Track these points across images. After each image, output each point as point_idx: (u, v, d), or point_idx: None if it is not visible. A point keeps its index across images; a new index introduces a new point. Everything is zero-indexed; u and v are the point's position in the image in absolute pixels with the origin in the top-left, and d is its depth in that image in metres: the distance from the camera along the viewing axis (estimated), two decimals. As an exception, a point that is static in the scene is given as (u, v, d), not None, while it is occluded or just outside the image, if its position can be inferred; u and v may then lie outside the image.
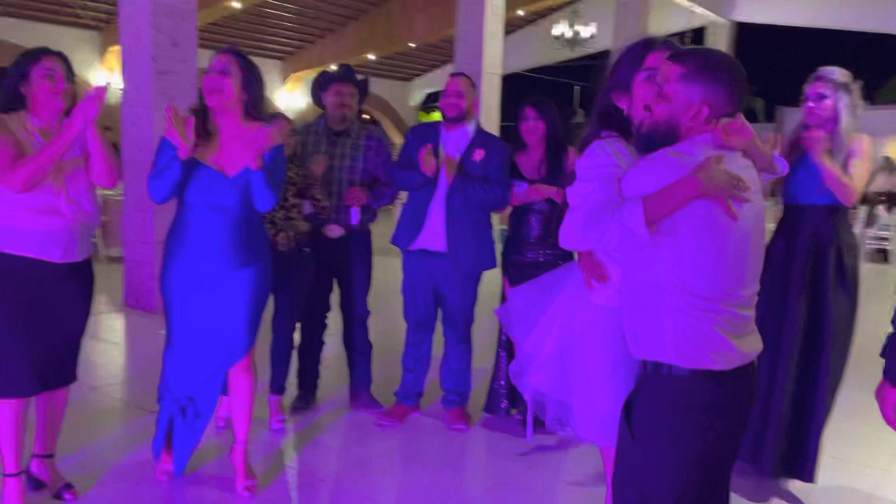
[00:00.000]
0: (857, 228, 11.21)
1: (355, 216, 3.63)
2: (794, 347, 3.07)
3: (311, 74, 16.86)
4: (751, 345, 1.73)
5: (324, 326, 3.87)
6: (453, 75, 3.55)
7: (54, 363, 2.62)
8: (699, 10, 13.91)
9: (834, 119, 3.03)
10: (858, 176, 2.99)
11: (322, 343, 3.89)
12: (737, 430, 1.76)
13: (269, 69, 17.29)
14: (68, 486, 2.78)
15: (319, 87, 3.72)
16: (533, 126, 3.44)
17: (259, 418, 3.65)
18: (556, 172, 3.37)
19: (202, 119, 2.69)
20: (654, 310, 1.69)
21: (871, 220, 11.56)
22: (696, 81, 1.67)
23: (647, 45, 2.00)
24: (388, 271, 3.73)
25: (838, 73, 3.05)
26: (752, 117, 19.84)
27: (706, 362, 1.65)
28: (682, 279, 1.64)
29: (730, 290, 1.66)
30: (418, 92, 20.39)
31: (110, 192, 8.41)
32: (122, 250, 6.45)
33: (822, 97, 3.04)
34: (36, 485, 2.77)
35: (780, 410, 3.07)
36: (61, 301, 2.59)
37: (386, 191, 3.69)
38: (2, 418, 2.49)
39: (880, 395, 1.71)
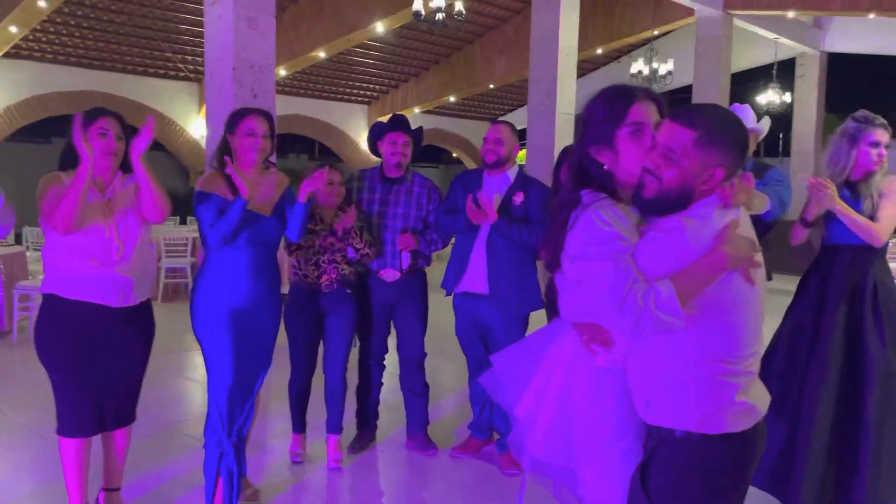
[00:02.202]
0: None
1: (405, 260, 3.74)
2: (826, 391, 3.00)
3: (396, 117, 17.30)
4: (763, 398, 1.72)
5: (382, 367, 3.97)
6: (495, 123, 3.66)
7: (112, 405, 2.79)
8: (786, 42, 13.56)
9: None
10: (887, 217, 3.02)
11: (380, 384, 3.99)
12: (746, 485, 1.74)
13: (354, 114, 17.94)
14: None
15: (375, 137, 3.87)
16: None
17: (317, 458, 3.77)
18: None
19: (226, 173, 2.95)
20: (673, 380, 1.66)
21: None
22: (711, 146, 1.62)
23: (626, 98, 1.81)
24: (450, 310, 3.80)
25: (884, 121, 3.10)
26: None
27: (728, 426, 1.64)
28: (708, 349, 1.63)
29: (750, 349, 1.67)
30: (500, 131, 20.60)
31: (198, 235, 8.90)
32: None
33: (888, 145, 3.10)
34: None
35: (810, 452, 2.99)
36: (119, 345, 2.76)
37: (437, 236, 3.79)
38: (65, 456, 2.70)
39: None
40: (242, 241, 2.88)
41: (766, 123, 3.43)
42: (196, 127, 14.83)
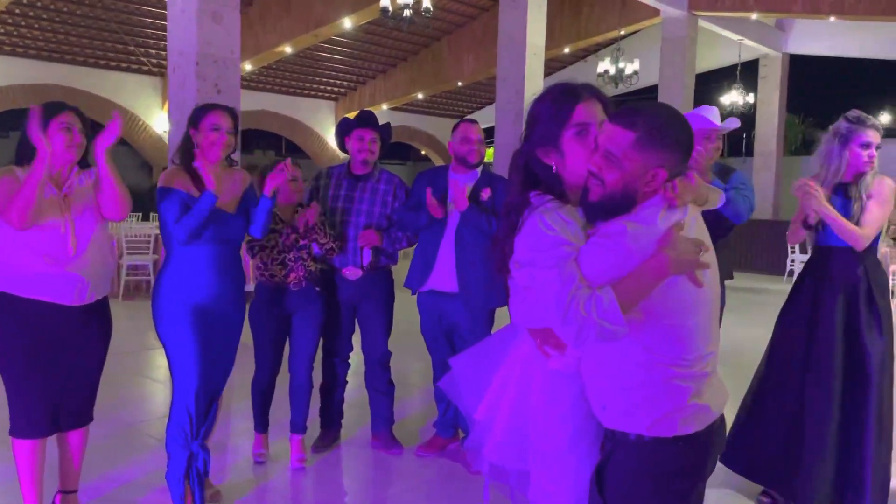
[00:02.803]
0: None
1: (367, 257, 3.71)
2: (830, 390, 3.08)
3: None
4: (718, 398, 1.71)
5: (346, 366, 3.95)
6: (468, 122, 3.65)
7: (67, 405, 2.73)
8: (749, 43, 13.79)
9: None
10: (873, 220, 3.05)
11: (345, 382, 3.96)
12: (706, 477, 1.74)
13: (322, 110, 17.81)
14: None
15: (342, 133, 3.84)
16: None
17: (280, 457, 3.74)
18: None
19: (192, 167, 2.94)
20: (624, 384, 1.65)
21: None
22: (651, 147, 1.59)
23: (571, 97, 1.77)
24: (416, 308, 3.78)
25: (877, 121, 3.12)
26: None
27: (680, 429, 1.63)
28: (656, 352, 1.62)
29: (702, 350, 1.65)
30: (468, 129, 20.64)
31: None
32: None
33: (875, 146, 3.09)
34: (60, 519, 2.89)
35: (817, 451, 3.07)
36: (75, 344, 2.70)
37: (401, 234, 3.78)
38: (19, 457, 2.64)
39: None
40: (206, 238, 2.85)
41: (732, 123, 3.41)
42: (159, 122, 14.58)
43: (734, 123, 3.28)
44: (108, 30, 12.66)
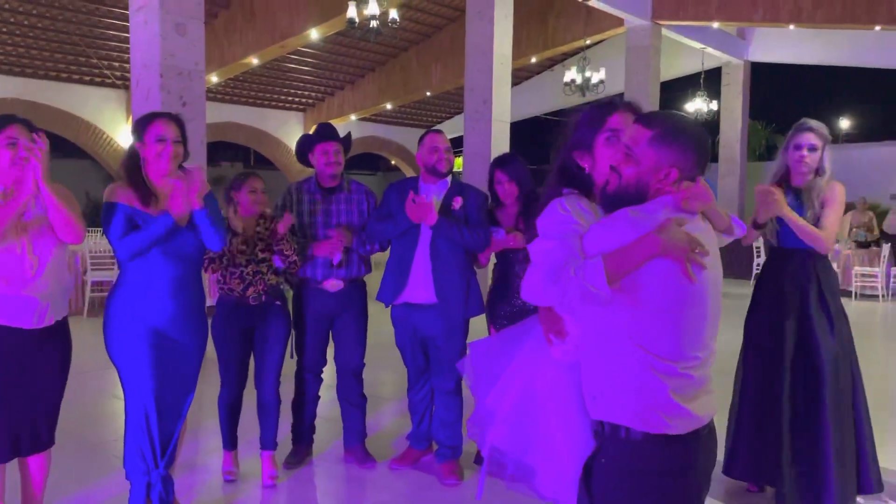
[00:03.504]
0: (882, 266, 11.04)
1: (337, 257, 3.68)
2: (783, 387, 3.21)
3: (333, 124, 17.21)
4: (706, 407, 1.71)
5: (319, 380, 3.90)
6: (434, 132, 3.65)
7: (27, 430, 2.64)
8: (712, 51, 14.03)
9: (819, 170, 3.22)
10: (831, 224, 3.17)
11: (317, 397, 3.92)
12: (697, 491, 1.73)
13: (290, 121, 17.73)
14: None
15: (305, 150, 3.81)
16: (508, 189, 3.65)
17: (251, 475, 3.68)
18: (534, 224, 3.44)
19: (141, 178, 2.78)
20: (612, 371, 1.69)
21: None
22: (665, 145, 1.70)
23: (609, 107, 2.00)
24: (387, 320, 3.76)
25: (823, 127, 3.23)
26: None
27: (662, 426, 1.64)
28: (641, 338, 1.64)
29: (687, 351, 1.67)
30: (438, 138, 20.70)
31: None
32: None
33: (814, 148, 3.22)
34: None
35: (782, 449, 3.19)
36: (34, 367, 2.61)
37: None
38: None
39: None
40: (158, 255, 2.72)
41: None
42: (124, 135, 14.35)
43: None
44: (71, 42, 12.47)
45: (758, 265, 11.63)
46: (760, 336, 3.34)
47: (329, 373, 3.94)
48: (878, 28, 10.82)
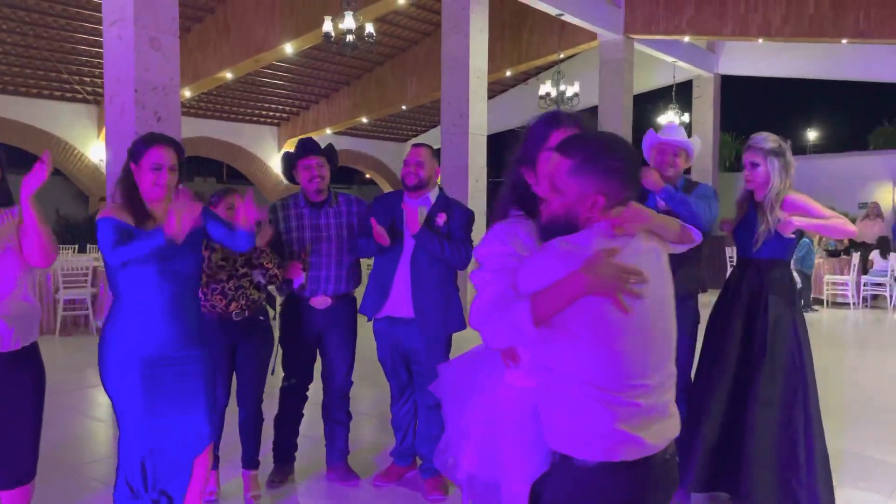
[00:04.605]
0: (852, 275, 11.23)
1: (298, 280, 3.64)
2: (723, 391, 3.30)
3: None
4: (661, 434, 1.66)
5: (305, 399, 3.85)
6: (415, 146, 3.64)
7: (3, 462, 2.50)
8: (683, 65, 14.25)
9: (767, 183, 3.31)
10: (822, 210, 3.29)
11: (301, 416, 3.87)
12: None
13: (264, 135, 17.65)
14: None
15: (289, 167, 3.78)
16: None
17: (233, 494, 3.62)
18: None
19: (137, 198, 2.69)
20: (559, 401, 1.65)
21: (866, 267, 11.59)
22: (587, 173, 1.62)
23: (552, 122, 1.90)
24: (369, 334, 3.73)
25: (768, 140, 3.31)
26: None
27: (608, 454, 1.59)
28: (581, 371, 1.60)
29: (631, 381, 1.60)
30: (413, 152, 20.75)
31: (99, 264, 8.46)
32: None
33: (755, 165, 3.34)
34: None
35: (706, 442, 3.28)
36: (2, 395, 2.47)
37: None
38: None
39: None
40: (154, 276, 2.61)
41: (695, 142, 3.66)
42: (95, 151, 14.21)
43: (696, 143, 3.62)
44: (41, 58, 12.33)
45: (732, 275, 11.75)
46: (710, 341, 3.44)
47: (313, 389, 3.90)
48: (844, 41, 11.07)
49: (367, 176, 22.74)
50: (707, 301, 3.47)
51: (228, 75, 12.58)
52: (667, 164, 3.52)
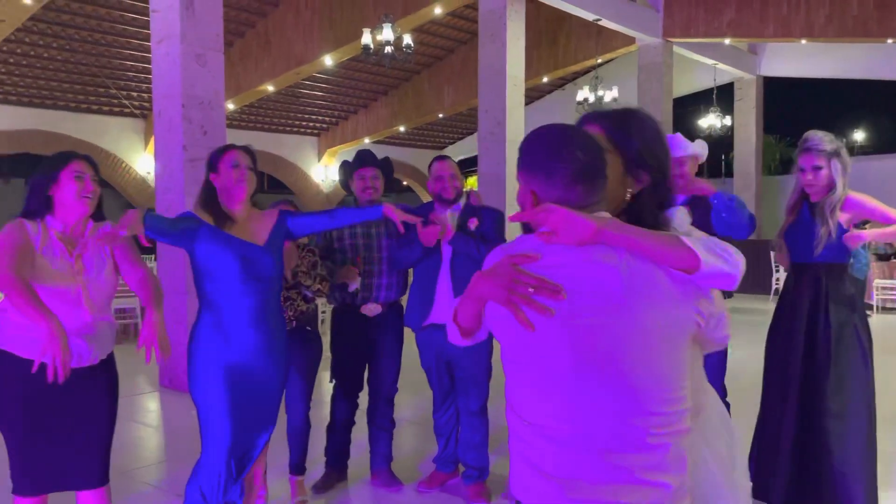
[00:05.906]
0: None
1: (353, 285, 3.70)
2: (789, 401, 3.21)
3: (346, 148, 17.47)
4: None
5: (356, 406, 3.92)
6: (440, 159, 3.68)
7: (74, 465, 2.59)
8: (724, 67, 14.06)
9: (830, 186, 3.19)
10: (888, 211, 3.22)
11: (353, 422, 3.93)
12: None
13: (304, 145, 17.90)
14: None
15: (345, 177, 3.89)
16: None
17: (280, 496, 3.69)
18: None
19: (217, 206, 2.81)
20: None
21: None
22: (521, 167, 1.47)
23: (580, 123, 1.65)
24: (409, 341, 3.78)
25: (827, 142, 3.19)
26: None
27: (518, 493, 1.43)
28: (508, 392, 1.46)
29: (544, 416, 1.37)
30: (451, 159, 20.84)
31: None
32: (159, 331, 6.62)
33: (817, 168, 3.20)
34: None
35: (788, 458, 3.20)
36: (79, 404, 2.56)
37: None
38: None
39: None
40: (237, 282, 2.68)
41: (699, 146, 3.55)
42: (142, 163, 14.59)
43: (700, 147, 3.52)
44: (90, 74, 12.71)
45: (777, 279, 11.56)
46: (775, 355, 3.34)
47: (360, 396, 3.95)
48: (890, 41, 10.82)
49: (405, 184, 22.89)
50: (750, 306, 3.44)
51: (270, 88, 12.81)
52: (675, 176, 3.43)
